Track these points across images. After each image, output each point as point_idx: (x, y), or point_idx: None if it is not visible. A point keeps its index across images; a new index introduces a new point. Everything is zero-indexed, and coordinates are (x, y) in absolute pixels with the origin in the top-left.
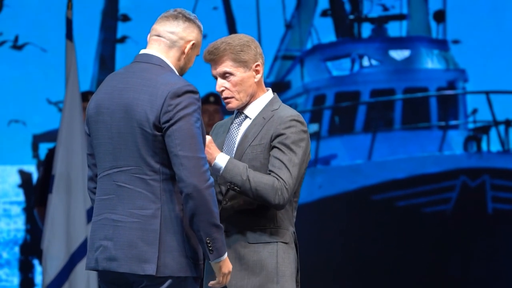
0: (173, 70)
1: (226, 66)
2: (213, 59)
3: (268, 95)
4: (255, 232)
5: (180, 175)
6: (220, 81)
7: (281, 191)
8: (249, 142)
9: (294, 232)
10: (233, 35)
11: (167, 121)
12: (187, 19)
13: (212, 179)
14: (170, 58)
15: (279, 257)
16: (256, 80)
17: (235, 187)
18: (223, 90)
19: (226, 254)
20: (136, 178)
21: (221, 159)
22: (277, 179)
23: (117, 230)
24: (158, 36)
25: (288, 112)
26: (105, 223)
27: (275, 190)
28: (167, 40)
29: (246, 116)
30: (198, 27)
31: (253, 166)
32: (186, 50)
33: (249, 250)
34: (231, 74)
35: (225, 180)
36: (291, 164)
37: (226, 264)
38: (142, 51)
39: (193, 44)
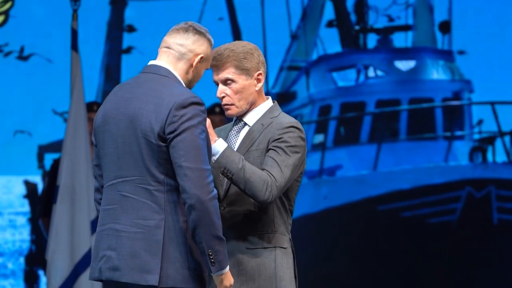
0: (180, 81)
1: (229, 73)
2: (216, 65)
3: (268, 103)
4: (253, 238)
5: (183, 186)
6: (221, 87)
7: (271, 188)
8: (247, 147)
9: (290, 239)
10: (236, 42)
11: (172, 132)
12: (197, 32)
13: (215, 191)
14: (178, 70)
15: (277, 262)
16: (257, 88)
17: (228, 174)
18: (223, 97)
19: (228, 267)
20: (141, 188)
21: (220, 144)
22: (269, 175)
23: (120, 240)
24: (168, 48)
25: (287, 119)
26: (109, 233)
27: (266, 185)
28: (176, 52)
29: (245, 124)
30: (208, 40)
31: None
32: (194, 63)
33: (247, 256)
34: (232, 81)
35: (220, 165)
36: (284, 164)
37: (228, 277)
38: (151, 62)
39: (201, 57)
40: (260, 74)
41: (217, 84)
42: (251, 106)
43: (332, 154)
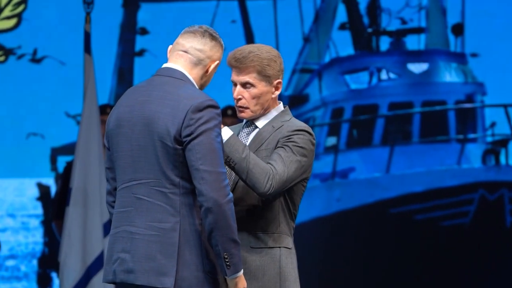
0: (194, 84)
1: (250, 77)
2: (238, 66)
3: (279, 108)
4: (258, 237)
5: (200, 189)
6: (239, 89)
7: (272, 181)
8: (256, 147)
9: (293, 242)
10: (261, 46)
11: (189, 135)
12: (214, 38)
13: (231, 195)
14: (193, 75)
15: (282, 261)
16: (273, 96)
17: (231, 162)
18: (240, 99)
19: (242, 271)
20: (156, 191)
21: (225, 132)
22: (271, 168)
23: (134, 243)
24: (185, 51)
25: (299, 123)
26: (123, 236)
27: (267, 177)
28: (194, 57)
29: (256, 127)
30: (222, 46)
31: None
32: (210, 69)
33: (252, 255)
34: (252, 85)
35: (223, 153)
36: (289, 160)
37: (242, 280)
38: (165, 65)
39: (217, 64)
40: (279, 82)
41: (235, 84)
42: (264, 111)
43: (345, 156)
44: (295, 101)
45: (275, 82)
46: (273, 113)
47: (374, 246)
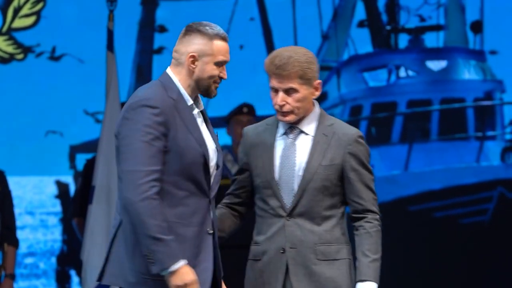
0: (176, 85)
1: (293, 83)
2: (280, 73)
3: (317, 109)
4: (323, 249)
5: (120, 189)
6: (282, 95)
7: (379, 222)
8: (319, 161)
9: None
10: (297, 48)
11: (119, 134)
12: (187, 31)
13: (153, 191)
14: (179, 76)
15: (352, 274)
16: (314, 97)
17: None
18: (283, 105)
19: (175, 266)
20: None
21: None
22: (372, 220)
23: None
24: (172, 56)
25: (349, 128)
26: None
27: (379, 226)
28: (174, 59)
29: (301, 131)
30: (203, 34)
31: (324, 186)
32: (188, 64)
33: (320, 267)
34: (295, 90)
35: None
36: (371, 184)
37: (179, 276)
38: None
39: (192, 56)
40: (319, 83)
41: (275, 91)
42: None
43: None
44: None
45: (315, 83)
46: (314, 115)
47: (393, 243)
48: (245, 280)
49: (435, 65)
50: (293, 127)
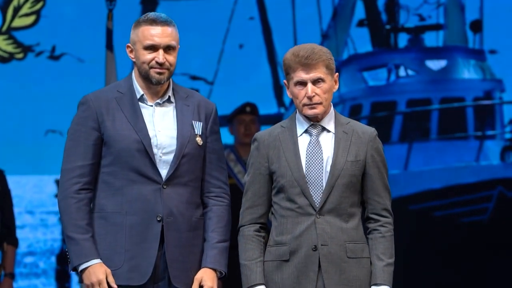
0: (128, 80)
1: (321, 72)
2: (308, 63)
3: (332, 107)
4: (352, 247)
5: None
6: (312, 86)
7: (393, 229)
8: (345, 157)
9: None
10: (312, 44)
11: None
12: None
13: (75, 187)
14: (134, 69)
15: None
16: (334, 90)
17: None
18: (313, 96)
19: (84, 265)
20: None
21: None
22: (387, 224)
23: None
24: None
25: (365, 126)
26: None
27: (392, 225)
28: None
29: (323, 128)
30: (134, 24)
31: (351, 182)
32: (130, 57)
33: (349, 265)
34: (322, 80)
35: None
36: (388, 187)
37: (86, 275)
38: None
39: (127, 47)
40: (337, 75)
41: (302, 84)
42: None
43: None
44: None
45: (335, 76)
46: (331, 113)
47: (394, 242)
48: (269, 283)
49: (435, 64)
50: (314, 125)
